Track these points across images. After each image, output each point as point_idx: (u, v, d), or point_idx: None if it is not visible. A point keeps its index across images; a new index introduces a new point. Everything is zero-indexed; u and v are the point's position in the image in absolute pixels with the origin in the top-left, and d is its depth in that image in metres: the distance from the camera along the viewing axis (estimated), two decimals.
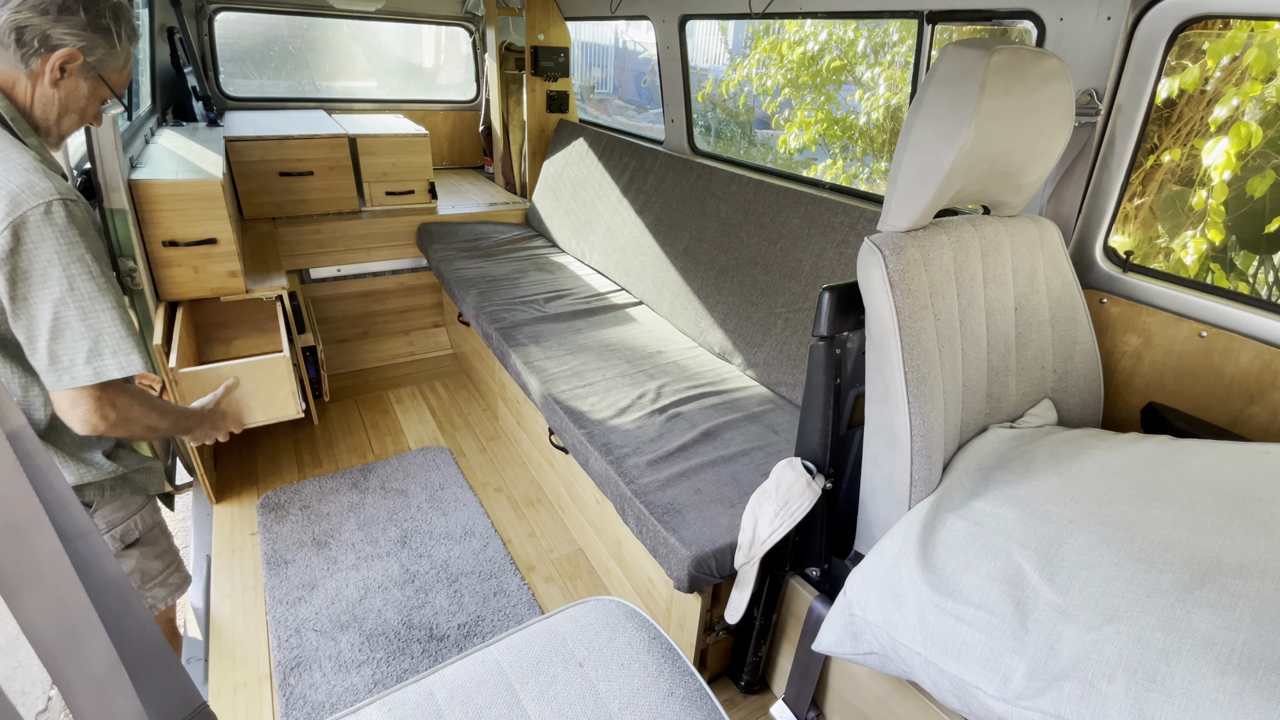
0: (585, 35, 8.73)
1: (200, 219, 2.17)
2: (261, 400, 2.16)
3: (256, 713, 1.63)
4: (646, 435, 1.77)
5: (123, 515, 1.27)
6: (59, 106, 1.09)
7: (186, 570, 1.45)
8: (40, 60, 1.04)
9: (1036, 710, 0.87)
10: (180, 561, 1.43)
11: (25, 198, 0.96)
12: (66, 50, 1.05)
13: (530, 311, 2.51)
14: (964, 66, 1.05)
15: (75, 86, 1.10)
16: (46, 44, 1.03)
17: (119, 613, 0.49)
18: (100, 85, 1.13)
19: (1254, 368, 1.32)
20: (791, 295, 2.09)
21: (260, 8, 3.44)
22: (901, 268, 1.11)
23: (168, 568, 1.38)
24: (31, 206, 0.96)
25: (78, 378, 1.02)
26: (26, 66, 1.04)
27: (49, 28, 1.03)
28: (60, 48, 1.04)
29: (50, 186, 0.98)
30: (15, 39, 1.01)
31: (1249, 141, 2.43)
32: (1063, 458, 1.17)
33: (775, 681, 1.67)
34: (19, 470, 0.42)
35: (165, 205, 2.11)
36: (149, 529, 1.33)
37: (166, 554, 1.38)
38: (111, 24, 1.09)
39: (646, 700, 0.88)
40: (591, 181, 3.17)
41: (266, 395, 2.16)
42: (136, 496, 1.29)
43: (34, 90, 1.06)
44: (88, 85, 1.11)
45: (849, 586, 1.15)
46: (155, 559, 1.35)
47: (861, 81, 4.80)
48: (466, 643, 1.81)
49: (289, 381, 2.18)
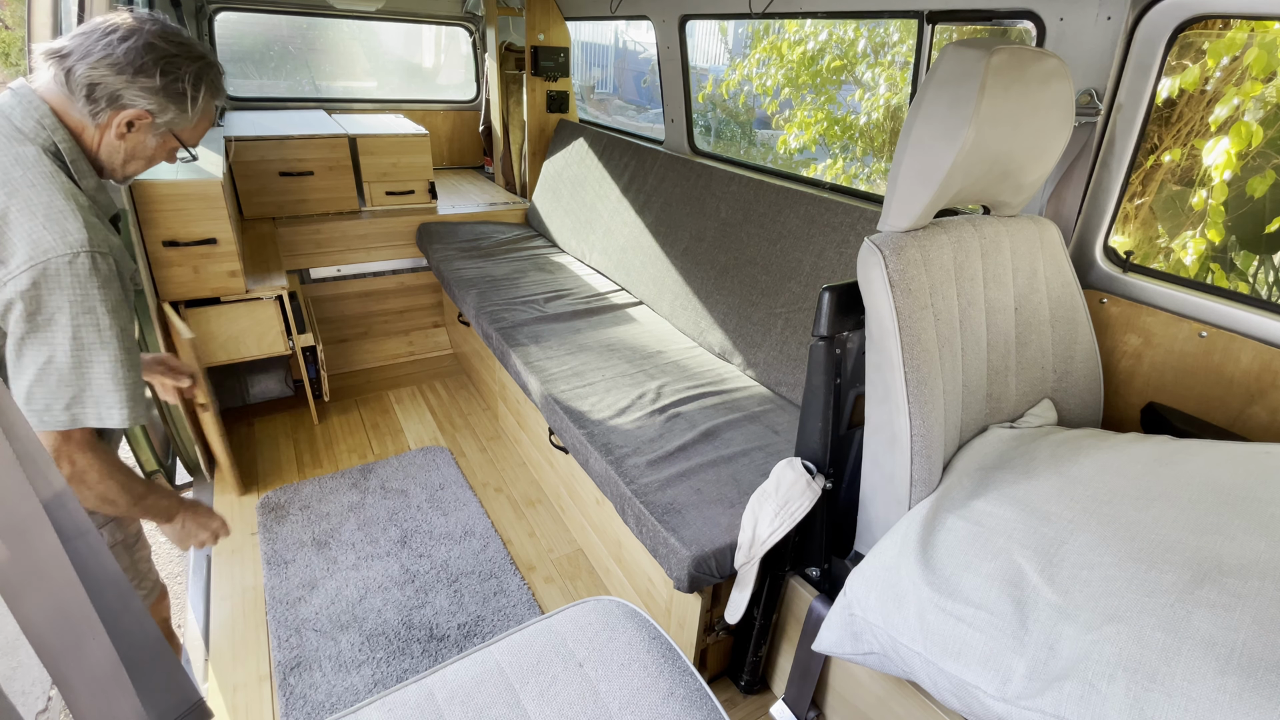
0: (585, 35, 8.73)
1: (200, 219, 2.17)
2: (254, 339, 2.42)
3: (256, 713, 1.63)
4: (646, 435, 1.77)
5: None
6: (124, 155, 1.10)
7: (156, 578, 1.42)
8: (107, 116, 1.05)
9: (1036, 710, 0.87)
10: (150, 573, 1.41)
11: (54, 245, 0.96)
12: (134, 111, 1.06)
13: (530, 311, 2.51)
14: (964, 66, 1.05)
15: (142, 140, 1.10)
16: (115, 103, 1.04)
17: (119, 612, 0.49)
18: (170, 139, 1.14)
19: (1254, 368, 1.32)
20: (791, 295, 2.09)
21: (260, 8, 3.44)
22: (901, 268, 1.11)
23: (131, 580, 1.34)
24: (58, 254, 0.95)
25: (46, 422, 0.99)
26: (94, 120, 1.05)
27: (121, 88, 1.03)
28: (129, 108, 1.05)
29: (83, 239, 0.98)
30: (86, 94, 1.02)
31: (1249, 141, 2.43)
32: (1063, 458, 1.17)
33: (775, 681, 1.67)
34: (19, 470, 0.42)
35: (165, 205, 2.11)
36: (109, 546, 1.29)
37: (129, 570, 1.35)
38: (189, 89, 1.09)
39: (646, 700, 0.88)
40: (591, 181, 3.17)
41: (258, 335, 2.42)
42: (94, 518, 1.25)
43: (100, 139, 1.07)
44: (156, 140, 1.12)
45: (849, 586, 1.15)
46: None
47: (861, 81, 4.80)
48: (466, 643, 1.81)
49: (277, 322, 2.44)
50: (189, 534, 1.29)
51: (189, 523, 1.28)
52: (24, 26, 1.66)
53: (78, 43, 1.02)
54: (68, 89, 1.02)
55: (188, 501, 1.28)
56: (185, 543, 1.29)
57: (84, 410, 1.01)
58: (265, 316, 2.41)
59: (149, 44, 1.04)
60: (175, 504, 1.24)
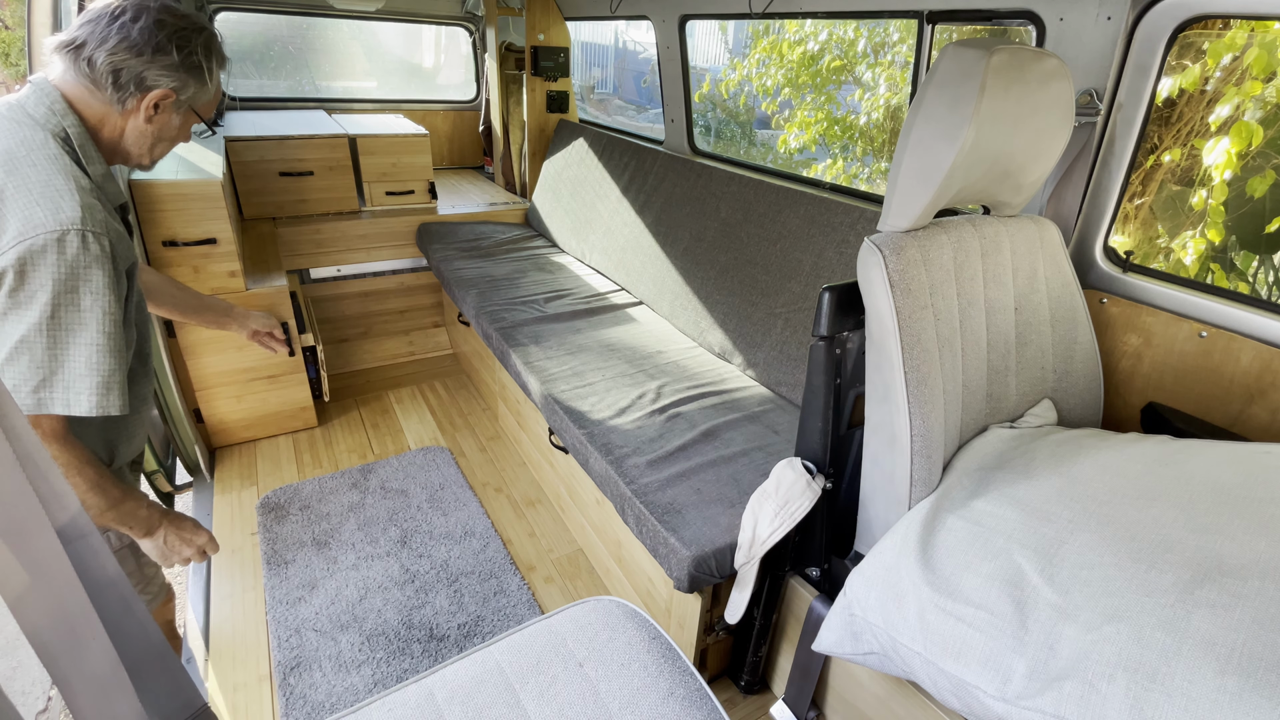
0: (585, 35, 8.73)
1: (200, 219, 2.17)
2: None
3: (256, 713, 1.63)
4: (646, 435, 1.77)
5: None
6: (152, 138, 1.11)
7: (164, 581, 1.42)
8: (135, 100, 1.06)
9: (1036, 710, 0.87)
10: (157, 576, 1.40)
11: (44, 221, 0.94)
12: (160, 91, 1.06)
13: (530, 311, 2.51)
14: (964, 66, 1.05)
15: (168, 121, 1.12)
16: (141, 85, 1.05)
17: (119, 613, 0.49)
18: (191, 116, 1.15)
19: (1254, 368, 1.32)
20: (791, 295, 2.09)
21: (260, 8, 3.44)
22: (901, 268, 1.11)
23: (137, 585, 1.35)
24: (48, 230, 0.94)
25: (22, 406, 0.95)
26: (122, 106, 1.06)
27: (144, 69, 1.04)
28: (155, 89, 1.06)
29: (76, 217, 0.96)
30: (112, 81, 1.03)
31: (1250, 141, 2.43)
32: (1063, 458, 1.17)
33: (775, 681, 1.67)
34: (19, 470, 0.42)
35: (165, 205, 2.11)
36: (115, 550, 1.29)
37: (134, 574, 1.35)
38: (203, 60, 1.11)
39: (646, 700, 0.88)
40: (591, 181, 3.17)
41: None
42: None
43: (126, 125, 1.08)
44: (179, 118, 1.13)
45: (849, 586, 1.15)
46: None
47: (861, 81, 4.80)
48: (466, 643, 1.81)
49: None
50: (172, 550, 1.19)
51: (171, 536, 1.18)
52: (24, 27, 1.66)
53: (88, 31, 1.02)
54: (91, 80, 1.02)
55: (172, 514, 1.20)
56: (169, 560, 1.20)
57: (51, 395, 0.97)
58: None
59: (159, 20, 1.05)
60: (157, 516, 1.16)
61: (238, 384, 2.47)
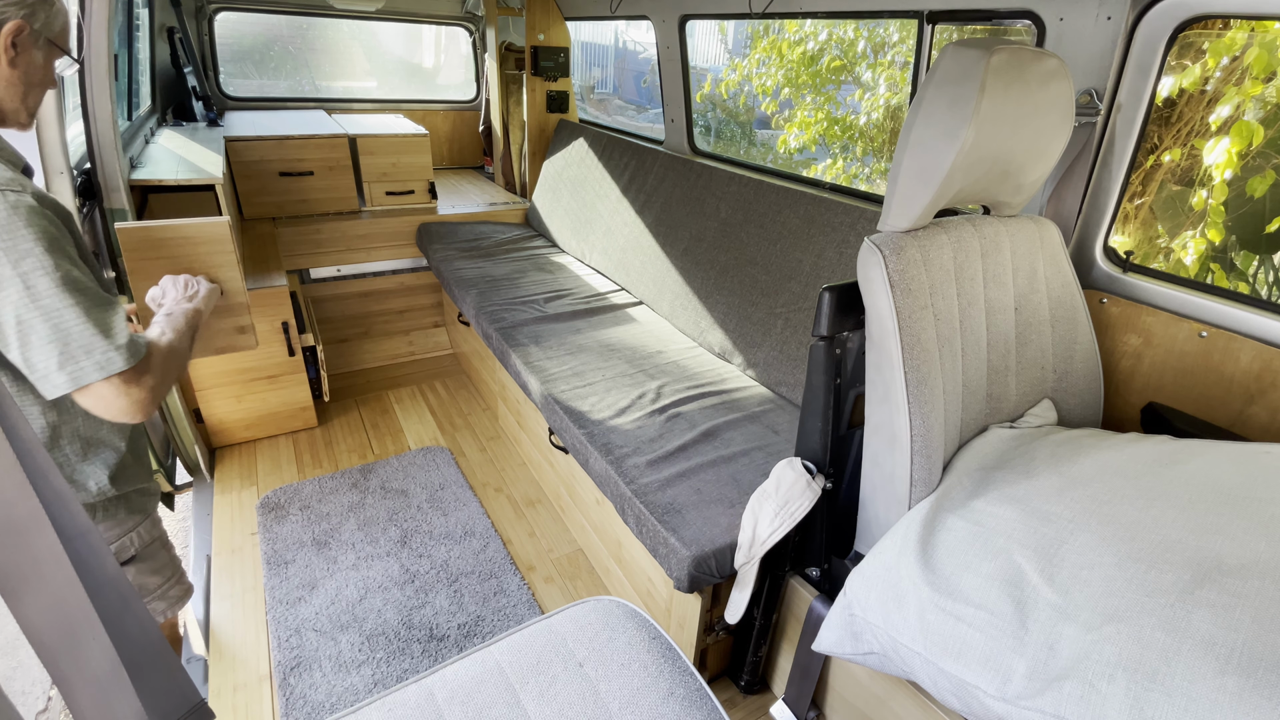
0: (585, 35, 8.73)
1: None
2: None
3: (256, 713, 1.63)
4: (646, 435, 1.77)
5: (118, 533, 1.23)
6: (22, 85, 1.04)
7: (188, 582, 1.42)
8: None
9: (1036, 710, 0.87)
10: (181, 574, 1.40)
11: None
12: (12, 25, 0.99)
13: (530, 311, 2.51)
14: (964, 66, 1.05)
15: (30, 59, 1.04)
16: None
17: (119, 612, 0.49)
18: (52, 49, 1.08)
19: (1254, 368, 1.32)
20: (791, 295, 2.09)
21: (260, 8, 3.44)
22: (901, 268, 1.11)
23: (166, 581, 1.35)
24: None
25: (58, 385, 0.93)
26: None
27: None
28: (3, 24, 0.98)
29: None
30: None
31: (1250, 140, 2.43)
32: (1063, 458, 1.17)
33: (775, 681, 1.67)
34: (19, 470, 0.42)
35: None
36: (147, 544, 1.29)
37: (166, 568, 1.35)
38: None
39: (646, 700, 0.88)
40: (591, 181, 3.17)
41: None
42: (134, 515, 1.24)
43: None
44: (41, 54, 1.06)
45: (849, 586, 1.15)
46: (153, 574, 1.32)
47: (861, 81, 4.80)
48: (466, 643, 1.81)
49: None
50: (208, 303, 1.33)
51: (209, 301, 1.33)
52: None
53: None
54: None
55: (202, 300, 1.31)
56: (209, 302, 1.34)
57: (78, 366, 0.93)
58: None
59: None
60: (197, 308, 1.27)
61: (238, 384, 2.47)
